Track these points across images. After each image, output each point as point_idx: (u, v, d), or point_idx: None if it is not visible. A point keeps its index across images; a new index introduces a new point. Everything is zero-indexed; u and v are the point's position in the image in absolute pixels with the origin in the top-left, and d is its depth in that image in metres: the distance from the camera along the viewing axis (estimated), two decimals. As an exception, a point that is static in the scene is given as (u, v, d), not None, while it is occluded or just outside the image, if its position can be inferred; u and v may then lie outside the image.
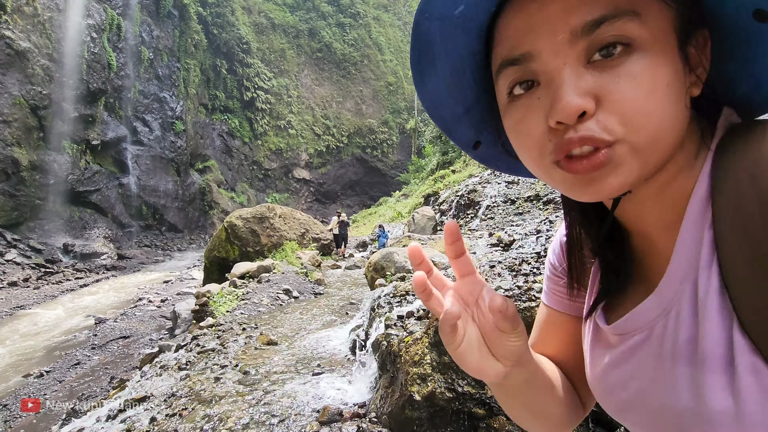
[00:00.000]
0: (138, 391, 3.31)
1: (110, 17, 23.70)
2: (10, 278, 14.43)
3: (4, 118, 16.94)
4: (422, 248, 0.50)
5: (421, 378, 2.08)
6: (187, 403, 2.88)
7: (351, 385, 3.04)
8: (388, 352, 2.49)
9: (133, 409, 2.97)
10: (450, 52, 0.51)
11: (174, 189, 28.77)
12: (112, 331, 9.33)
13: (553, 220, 4.58)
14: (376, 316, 3.43)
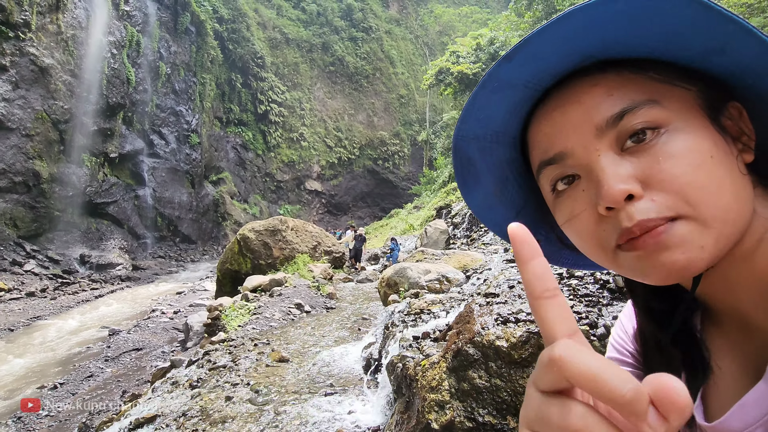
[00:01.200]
0: (149, 408, 3.27)
1: (130, 34, 24.45)
2: (28, 288, 14.69)
3: (27, 132, 17.46)
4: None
5: (438, 405, 1.99)
6: (197, 423, 2.83)
7: (364, 407, 2.96)
8: (404, 375, 2.40)
9: (143, 429, 2.93)
10: (491, 165, 0.55)
11: (188, 201, 29.19)
12: (125, 342, 9.37)
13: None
14: (390, 335, 3.35)
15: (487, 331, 1.99)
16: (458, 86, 28.83)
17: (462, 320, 2.27)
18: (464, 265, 5.30)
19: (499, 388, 1.87)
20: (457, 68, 27.57)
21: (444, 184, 25.36)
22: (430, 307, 3.36)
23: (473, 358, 1.99)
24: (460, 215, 11.82)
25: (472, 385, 1.94)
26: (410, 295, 4.52)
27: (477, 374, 1.95)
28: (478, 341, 2.00)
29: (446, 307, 3.34)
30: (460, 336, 2.13)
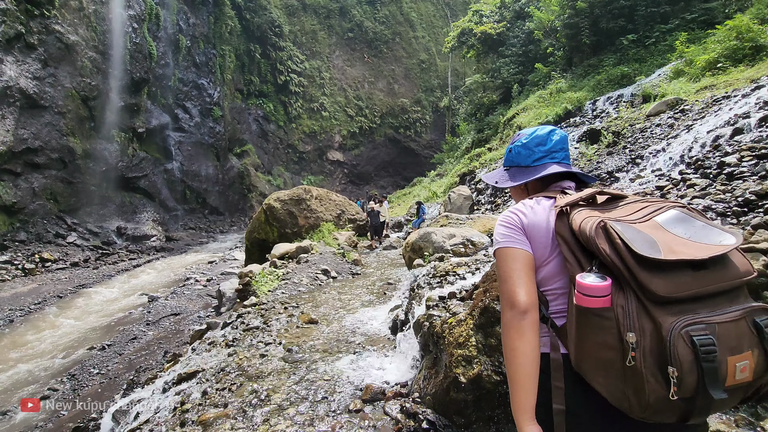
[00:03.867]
0: (189, 365, 3.48)
1: (149, 7, 24.37)
2: (72, 259, 15.62)
3: (59, 109, 18.01)
4: None
5: (466, 360, 2.02)
6: (235, 378, 2.99)
7: (392, 364, 3.04)
8: (431, 333, 2.44)
9: (186, 383, 3.13)
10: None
11: (215, 173, 29.82)
12: (164, 308, 9.91)
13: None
14: (416, 296, 3.39)
15: (515, 288, 1.97)
16: (481, 48, 27.60)
17: (489, 279, 2.26)
18: (489, 228, 5.24)
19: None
20: (480, 28, 26.29)
21: (467, 150, 24.83)
22: (456, 269, 3.36)
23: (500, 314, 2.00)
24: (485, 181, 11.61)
25: (500, 340, 1.96)
26: (435, 259, 4.53)
27: (505, 330, 1.97)
28: (506, 298, 2.00)
29: (472, 268, 3.33)
30: (486, 294, 2.12)
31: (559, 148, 1.27)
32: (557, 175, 1.27)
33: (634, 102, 11.78)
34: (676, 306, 0.86)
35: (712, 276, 0.88)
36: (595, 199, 1.09)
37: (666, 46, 16.01)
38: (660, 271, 0.87)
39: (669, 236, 0.92)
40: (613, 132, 8.64)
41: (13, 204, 15.87)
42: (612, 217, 0.99)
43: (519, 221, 1.15)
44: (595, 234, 0.94)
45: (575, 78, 18.34)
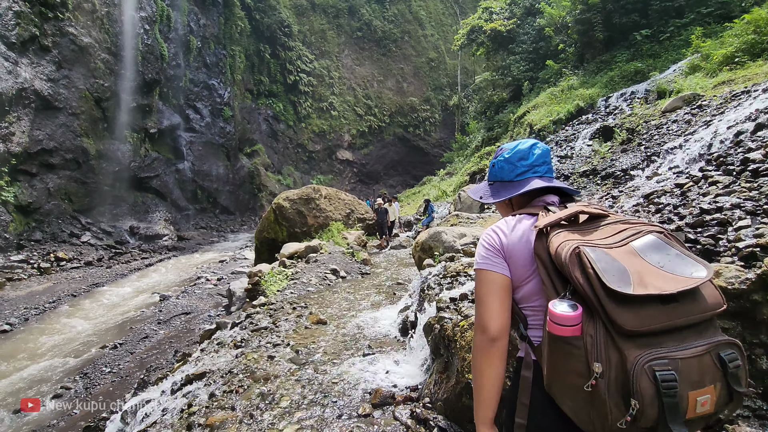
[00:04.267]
0: (198, 366, 3.46)
1: (160, 9, 24.62)
2: (86, 258, 15.85)
3: (73, 110, 18.28)
4: None
5: (479, 366, 1.96)
6: (242, 380, 2.96)
7: (401, 367, 2.98)
8: (442, 336, 2.37)
9: (194, 385, 3.11)
10: None
11: (225, 173, 30.05)
12: (175, 307, 9.98)
13: (617, 195, 4.19)
14: (426, 297, 3.32)
15: (530, 291, 1.90)
16: (491, 45, 27.35)
17: (502, 281, 2.19)
18: (501, 228, 5.12)
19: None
20: (489, 26, 26.05)
21: (477, 149, 24.64)
22: (467, 269, 3.28)
23: (515, 318, 1.92)
24: (495, 180, 11.47)
25: (515, 345, 1.88)
26: (445, 259, 4.45)
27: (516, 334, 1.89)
28: (521, 301, 1.92)
29: (484, 269, 3.27)
30: (500, 297, 2.05)
31: (542, 162, 1.28)
32: (541, 189, 1.26)
33: (649, 98, 11.53)
34: (643, 339, 0.87)
35: (682, 309, 0.88)
36: (576, 218, 1.10)
37: (681, 41, 15.67)
38: (628, 304, 0.87)
39: (642, 265, 0.92)
40: (628, 129, 8.45)
41: (29, 204, 16.16)
42: (588, 241, 0.99)
43: (498, 242, 1.17)
44: (570, 261, 0.95)
45: (587, 74, 18.05)
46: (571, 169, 8.41)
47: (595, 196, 5.19)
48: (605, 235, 1.01)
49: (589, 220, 1.09)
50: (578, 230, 1.04)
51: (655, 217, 2.65)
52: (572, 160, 9.09)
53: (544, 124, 14.99)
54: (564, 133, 12.19)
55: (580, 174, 7.87)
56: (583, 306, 0.92)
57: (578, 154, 9.31)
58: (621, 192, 4.18)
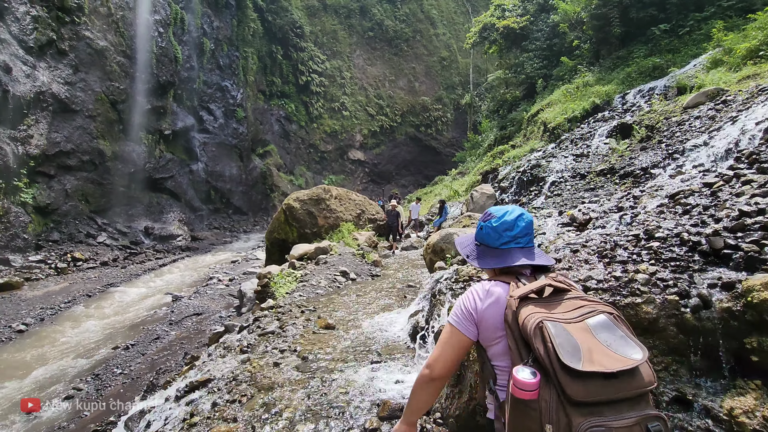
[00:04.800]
0: (202, 373, 3.39)
1: (174, 12, 24.91)
2: (102, 258, 16.09)
3: (89, 113, 18.60)
4: None
5: (494, 381, 1.81)
6: (246, 389, 2.87)
7: (412, 377, 2.85)
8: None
9: (197, 392, 3.03)
10: None
11: (238, 174, 30.29)
12: (187, 308, 10.02)
13: (638, 195, 3.99)
14: (438, 303, 3.18)
15: (549, 302, 1.74)
16: (504, 43, 26.96)
17: (518, 289, 2.04)
18: (516, 230, 4.91)
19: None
20: (502, 23, 25.66)
21: (489, 148, 24.31)
22: (480, 273, 3.13)
23: (534, 331, 1.77)
24: (508, 179, 11.22)
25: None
26: (457, 262, 4.29)
27: (538, 349, 1.74)
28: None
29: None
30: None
31: (524, 234, 1.40)
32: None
33: (668, 94, 11.15)
34: (587, 408, 1.02)
35: (620, 385, 1.03)
36: (543, 290, 1.24)
37: (701, 35, 15.20)
38: (578, 377, 1.02)
39: (593, 342, 1.08)
40: (647, 126, 8.15)
41: (47, 205, 16.48)
42: (551, 315, 1.13)
43: (473, 306, 1.33)
44: (534, 333, 1.10)
45: (603, 71, 17.62)
46: (588, 167, 8.16)
47: (614, 195, 4.98)
48: (566, 309, 1.17)
49: (554, 293, 1.24)
50: (543, 303, 1.19)
51: (684, 219, 2.46)
52: (588, 158, 8.83)
53: (559, 122, 14.66)
54: (579, 131, 11.89)
55: (597, 173, 7.62)
56: (541, 373, 1.07)
57: (595, 152, 9.04)
58: (642, 192, 3.97)
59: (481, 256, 1.44)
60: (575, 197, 7.25)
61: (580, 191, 7.41)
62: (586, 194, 7.00)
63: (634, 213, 3.33)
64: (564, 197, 7.52)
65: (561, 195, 7.73)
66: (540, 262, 1.36)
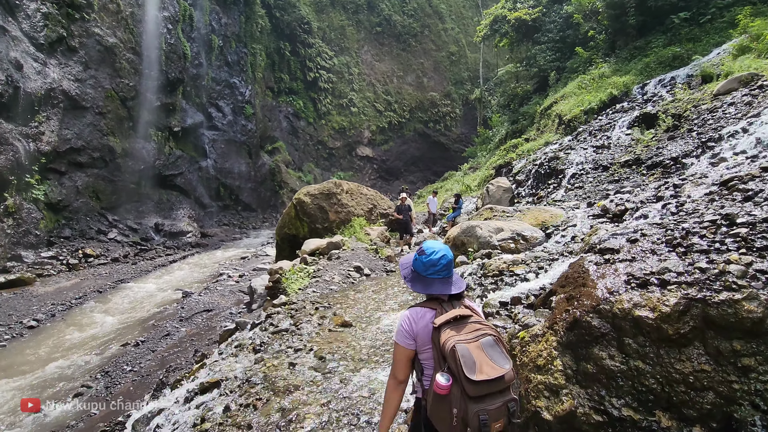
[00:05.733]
0: (213, 372, 3.18)
1: (183, 8, 24.81)
2: (113, 254, 16.09)
3: (99, 110, 18.59)
4: None
5: (550, 390, 1.56)
6: (261, 391, 2.65)
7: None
8: (494, 348, 1.99)
9: (209, 394, 2.82)
10: None
11: (247, 170, 30.22)
12: (197, 304, 9.89)
13: (679, 184, 3.69)
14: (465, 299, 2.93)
15: (617, 297, 1.49)
16: (515, 36, 26.45)
17: (571, 282, 1.78)
18: (543, 221, 4.64)
19: (643, 373, 1.39)
20: (514, 14, 25.16)
21: (501, 142, 23.89)
22: (513, 267, 2.87)
23: (599, 331, 1.51)
24: (524, 172, 10.88)
25: (600, 366, 1.48)
26: (480, 256, 4.04)
27: (606, 353, 1.48)
28: (606, 310, 1.51)
29: (533, 267, 2.83)
30: (572, 302, 1.65)
31: (443, 269, 1.84)
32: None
33: (692, 83, 10.72)
34: (476, 399, 1.54)
35: (496, 384, 1.56)
36: (456, 318, 1.68)
37: (723, 23, 14.68)
38: (473, 383, 1.52)
39: (483, 357, 1.57)
40: (673, 115, 7.78)
41: (58, 202, 16.51)
42: (459, 338, 1.60)
43: (410, 329, 1.79)
44: (449, 354, 1.58)
45: (620, 62, 17.12)
46: (611, 159, 7.81)
47: (647, 186, 4.67)
48: (468, 331, 1.64)
49: (462, 318, 1.69)
50: (455, 327, 1.65)
51: (747, 205, 2.17)
52: (610, 150, 8.48)
53: (575, 114, 14.25)
54: (598, 123, 11.50)
55: (621, 164, 7.28)
56: (452, 378, 1.56)
57: (616, 143, 8.68)
58: (684, 180, 3.67)
59: (413, 281, 1.91)
60: (598, 189, 6.92)
61: (603, 183, 7.08)
62: (611, 186, 6.67)
63: (679, 202, 3.04)
64: (586, 189, 7.19)
65: (582, 187, 7.41)
66: (453, 291, 1.81)
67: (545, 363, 1.63)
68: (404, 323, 1.79)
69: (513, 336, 1.92)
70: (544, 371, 1.62)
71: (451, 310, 1.71)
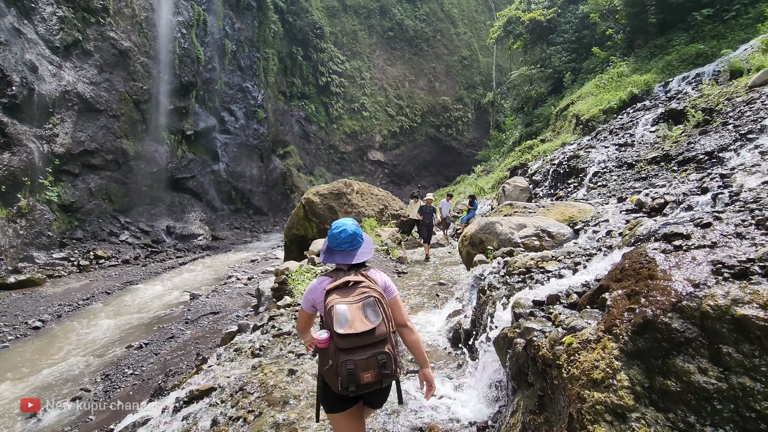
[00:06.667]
0: (207, 379, 2.88)
1: (197, 13, 25.04)
2: (123, 256, 16.05)
3: (113, 113, 18.72)
4: None
5: (613, 413, 1.20)
6: (255, 402, 2.33)
7: (461, 392, 2.26)
8: (531, 356, 1.64)
9: (198, 404, 2.52)
10: None
11: (259, 174, 30.22)
12: (204, 306, 9.66)
13: (727, 174, 3.29)
14: (489, 300, 2.58)
15: (706, 291, 1.14)
16: (529, 38, 26.06)
17: (630, 275, 1.43)
18: (570, 217, 4.24)
19: (751, 394, 1.03)
20: (528, 15, 24.78)
21: (514, 145, 23.42)
22: (542, 264, 2.52)
23: (682, 336, 1.16)
24: (541, 173, 10.46)
25: (686, 383, 1.12)
26: (501, 254, 3.67)
27: (694, 365, 1.12)
28: (691, 308, 1.16)
29: (567, 263, 2.47)
30: (637, 299, 1.30)
31: (344, 242, 2.08)
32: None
33: (719, 79, 10.20)
34: (346, 351, 1.78)
35: (364, 338, 1.78)
36: (346, 283, 1.93)
37: (749, 19, 14.13)
38: (342, 336, 1.77)
39: (359, 315, 1.81)
40: (703, 109, 7.31)
41: (71, 203, 16.58)
42: (341, 300, 1.86)
43: (310, 296, 2.09)
44: (327, 312, 1.84)
45: (639, 61, 16.59)
46: (636, 156, 7.37)
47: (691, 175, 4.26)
48: (354, 294, 1.88)
49: (354, 284, 1.93)
50: (342, 292, 1.90)
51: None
52: (634, 147, 8.03)
53: (594, 114, 13.77)
54: (619, 121, 11.03)
55: (648, 161, 6.84)
56: (329, 333, 1.82)
57: (640, 141, 8.24)
58: (733, 170, 3.27)
59: (324, 253, 2.13)
60: (624, 187, 6.49)
61: (629, 181, 6.65)
62: (638, 184, 6.23)
63: (732, 191, 2.65)
64: (610, 188, 6.76)
65: (606, 186, 6.98)
66: (352, 262, 2.01)
67: (604, 377, 1.28)
68: (307, 291, 2.09)
69: (556, 342, 1.56)
70: (604, 388, 1.26)
71: (344, 278, 1.92)
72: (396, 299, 2.02)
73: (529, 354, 1.66)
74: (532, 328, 1.72)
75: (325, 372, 1.83)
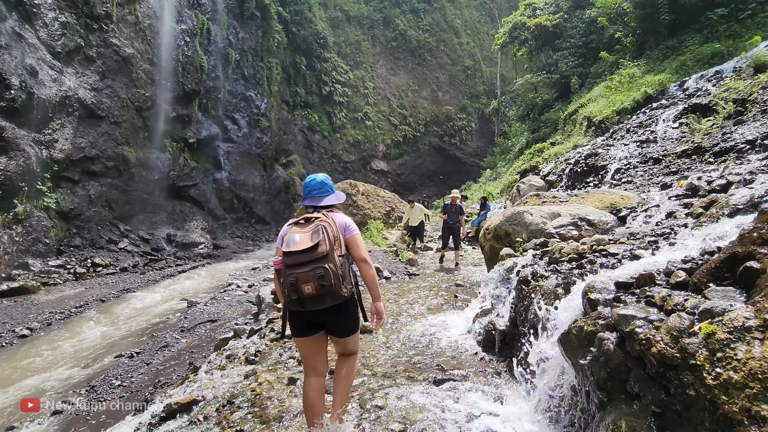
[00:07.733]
0: (191, 390, 2.39)
1: (201, 22, 25.01)
2: (122, 264, 15.61)
3: (115, 119, 18.47)
4: None
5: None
6: (244, 419, 1.84)
7: (508, 406, 1.76)
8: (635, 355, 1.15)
9: (175, 420, 2.04)
10: None
11: (261, 183, 29.90)
12: (201, 314, 9.17)
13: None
14: (532, 291, 2.09)
15: None
16: (534, 44, 25.85)
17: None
18: (611, 203, 3.74)
19: None
20: (533, 21, 24.58)
21: (521, 151, 23.01)
22: (602, 247, 2.04)
23: None
24: (555, 173, 10.00)
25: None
26: (533, 246, 3.18)
27: None
28: None
29: (636, 244, 1.99)
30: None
31: (312, 189, 2.51)
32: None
33: (743, 74, 9.78)
34: (290, 266, 2.08)
35: (305, 255, 2.07)
36: (307, 219, 2.27)
37: (766, 17, 13.78)
38: (287, 255, 2.10)
39: (305, 238, 2.10)
40: (734, 100, 6.88)
41: (70, 210, 16.21)
42: (295, 229, 2.22)
43: (281, 235, 2.31)
44: (281, 237, 2.24)
45: (651, 62, 16.24)
46: (662, 151, 6.91)
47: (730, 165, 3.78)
48: (309, 225, 2.19)
49: (311, 219, 2.24)
50: (299, 225, 2.24)
51: None
52: (657, 143, 7.58)
53: (606, 115, 13.35)
54: (635, 120, 10.61)
55: (677, 155, 6.36)
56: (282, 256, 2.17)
57: (663, 137, 7.80)
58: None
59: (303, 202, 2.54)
60: (651, 182, 6.02)
61: (657, 176, 6.18)
62: (668, 178, 5.75)
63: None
64: (637, 183, 6.29)
65: (632, 181, 6.51)
66: (316, 204, 2.43)
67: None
68: (282, 230, 2.32)
69: (682, 332, 1.07)
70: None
71: (305, 215, 2.27)
72: (354, 237, 2.28)
73: (631, 352, 1.17)
74: (630, 315, 1.23)
75: (279, 290, 2.15)
